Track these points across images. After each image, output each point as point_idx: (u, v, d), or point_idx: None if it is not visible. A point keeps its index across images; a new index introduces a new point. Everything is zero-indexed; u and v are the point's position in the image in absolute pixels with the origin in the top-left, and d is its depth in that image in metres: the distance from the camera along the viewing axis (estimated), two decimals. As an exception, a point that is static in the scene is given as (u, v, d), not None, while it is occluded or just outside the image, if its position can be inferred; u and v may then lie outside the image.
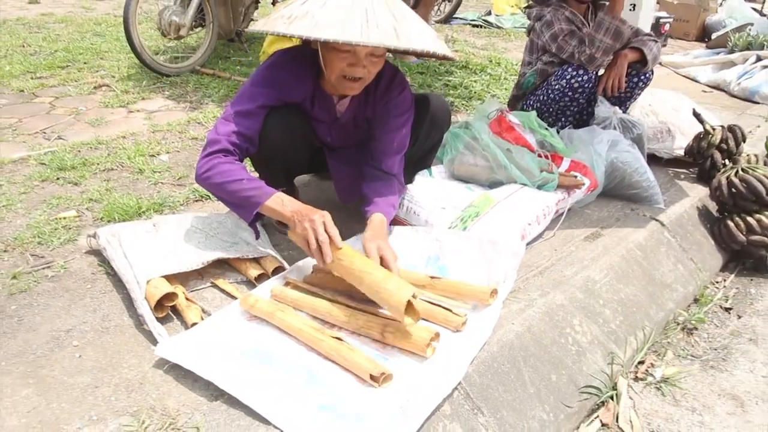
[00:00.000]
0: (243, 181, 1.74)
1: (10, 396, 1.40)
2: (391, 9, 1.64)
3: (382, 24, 1.58)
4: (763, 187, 2.52)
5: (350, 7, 1.60)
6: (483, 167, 2.27)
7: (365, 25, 1.56)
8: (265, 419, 1.29)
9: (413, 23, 1.68)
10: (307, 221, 1.68)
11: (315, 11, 1.62)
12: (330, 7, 1.61)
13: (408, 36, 1.61)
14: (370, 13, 1.59)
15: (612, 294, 2.04)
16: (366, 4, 1.60)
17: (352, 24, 1.57)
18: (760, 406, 1.82)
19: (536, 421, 1.56)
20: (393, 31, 1.59)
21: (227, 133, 1.80)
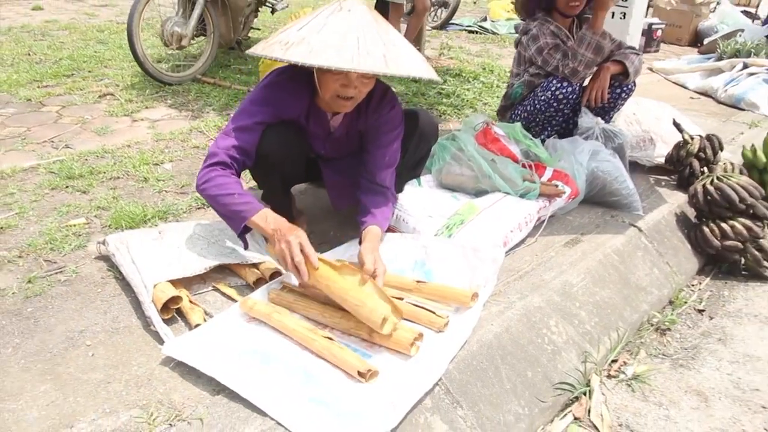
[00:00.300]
0: (234, 195, 1.86)
1: (31, 391, 1.54)
2: (381, 36, 1.78)
3: (372, 51, 1.72)
4: (736, 195, 2.66)
5: (344, 34, 1.73)
6: (469, 177, 2.41)
7: (357, 52, 1.69)
8: (262, 411, 1.43)
9: (402, 49, 1.81)
10: (284, 242, 1.78)
11: (311, 37, 1.75)
12: (325, 33, 1.75)
13: (396, 62, 1.74)
14: (362, 40, 1.72)
15: (588, 297, 2.17)
16: (358, 32, 1.74)
17: (345, 51, 1.70)
18: (723, 402, 1.95)
19: (512, 415, 1.70)
20: (383, 57, 1.72)
21: (226, 147, 1.93)
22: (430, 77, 1.87)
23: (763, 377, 2.08)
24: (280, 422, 1.40)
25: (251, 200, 1.88)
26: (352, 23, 1.77)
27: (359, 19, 1.79)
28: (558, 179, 2.55)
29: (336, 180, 2.29)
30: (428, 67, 1.90)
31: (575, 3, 2.95)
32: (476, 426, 1.62)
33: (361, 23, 1.78)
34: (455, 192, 2.46)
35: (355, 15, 1.80)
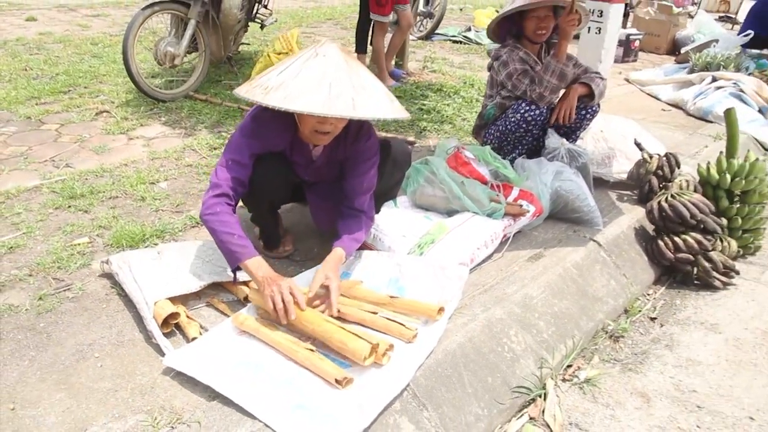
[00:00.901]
0: (234, 236, 2.05)
1: (47, 399, 1.76)
2: (352, 80, 1.99)
3: (342, 95, 1.93)
4: (687, 212, 2.90)
5: (318, 80, 1.95)
6: (441, 198, 2.64)
7: (328, 97, 1.91)
8: (252, 415, 1.66)
9: (370, 92, 2.02)
10: (275, 285, 1.97)
11: (288, 82, 1.97)
12: (301, 79, 1.97)
13: (364, 106, 1.96)
14: (334, 85, 1.94)
15: (547, 308, 2.41)
16: (330, 78, 1.95)
17: (317, 96, 1.92)
18: (663, 402, 2.19)
19: (472, 416, 1.93)
20: (351, 101, 1.94)
21: (227, 179, 2.15)
22: (394, 117, 2.08)
23: (702, 380, 2.32)
24: (267, 424, 1.62)
25: (247, 245, 2.06)
26: (325, 69, 1.99)
27: (332, 64, 2.01)
28: (524, 198, 2.78)
29: (319, 203, 2.52)
30: (394, 107, 2.10)
31: (542, 32, 3.19)
32: (440, 426, 1.84)
33: (334, 69, 2.00)
34: (428, 212, 2.69)
35: (328, 60, 2.02)
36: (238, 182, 2.18)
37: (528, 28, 3.21)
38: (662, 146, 3.87)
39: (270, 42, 6.39)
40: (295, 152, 2.34)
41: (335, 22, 9.06)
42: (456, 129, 4.36)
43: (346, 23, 9.01)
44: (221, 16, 4.74)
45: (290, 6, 10.37)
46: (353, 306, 2.10)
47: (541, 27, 3.18)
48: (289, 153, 2.34)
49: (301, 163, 2.39)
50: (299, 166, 2.41)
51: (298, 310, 1.96)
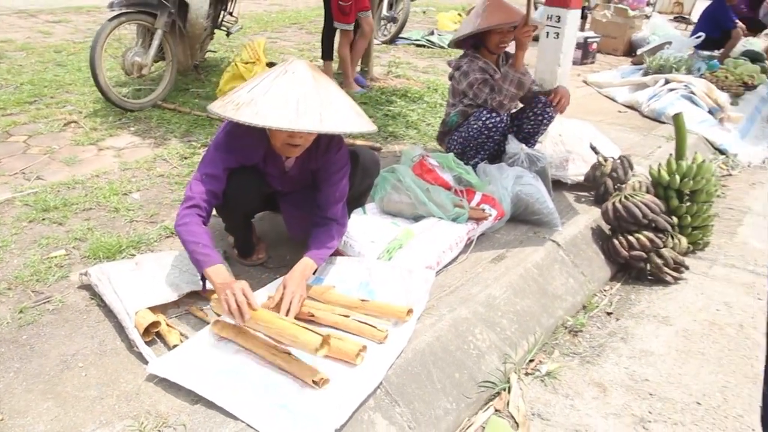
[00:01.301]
0: (200, 245, 2.14)
1: (35, 408, 1.83)
2: (320, 95, 2.09)
3: (309, 110, 2.03)
4: (639, 212, 3.08)
5: (286, 97, 2.05)
6: (407, 204, 2.77)
7: (296, 114, 2.02)
8: (234, 416, 1.76)
9: (337, 107, 2.13)
10: (229, 289, 2.04)
11: (258, 99, 2.07)
12: (270, 95, 2.07)
13: (331, 121, 2.06)
14: (302, 101, 2.04)
15: (509, 307, 2.55)
16: (298, 94, 2.06)
17: (285, 111, 2.02)
18: (618, 391, 2.36)
19: (441, 410, 2.06)
20: (318, 116, 2.04)
21: (200, 191, 2.24)
22: (360, 131, 2.19)
23: (654, 369, 2.49)
24: (249, 424, 1.73)
25: (210, 253, 2.14)
26: (293, 86, 2.10)
27: (300, 81, 2.11)
28: (486, 203, 2.92)
29: (292, 212, 2.62)
30: (361, 121, 2.21)
31: (503, 44, 3.36)
32: (412, 420, 1.97)
33: (302, 85, 2.10)
34: (396, 218, 2.81)
35: (297, 77, 2.13)
36: (211, 195, 2.27)
37: (491, 42, 3.37)
38: (617, 148, 4.06)
39: (237, 51, 6.46)
40: (269, 164, 2.44)
41: (300, 27, 9.14)
42: (421, 134, 4.49)
43: (311, 27, 9.09)
44: (188, 26, 4.80)
45: (254, 10, 10.40)
46: (326, 310, 2.21)
47: (504, 41, 3.34)
48: (262, 165, 2.44)
49: (274, 174, 2.49)
50: (273, 177, 2.51)
51: (252, 310, 2.02)
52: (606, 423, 2.20)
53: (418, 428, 1.96)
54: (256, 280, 2.51)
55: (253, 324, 2.02)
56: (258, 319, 2.00)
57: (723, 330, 2.78)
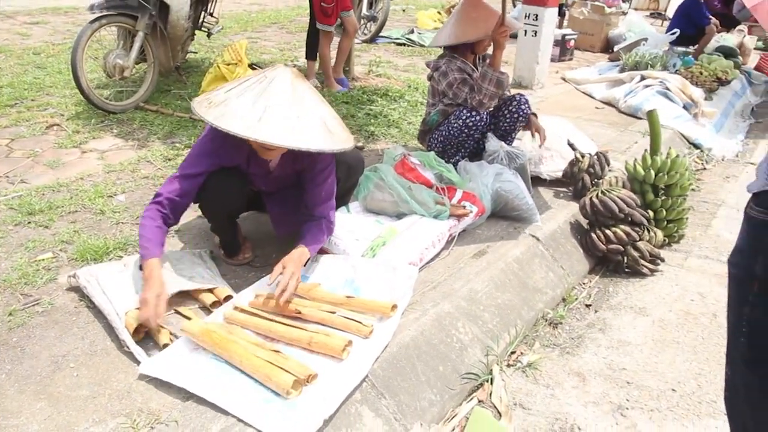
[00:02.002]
0: (143, 238, 2.26)
1: (28, 409, 1.86)
2: (293, 108, 2.14)
3: (272, 121, 2.08)
4: (616, 207, 3.17)
5: (254, 103, 2.11)
6: (390, 202, 2.83)
7: (258, 121, 2.07)
8: (225, 411, 1.80)
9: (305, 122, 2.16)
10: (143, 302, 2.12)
11: (230, 101, 2.14)
12: (242, 99, 2.13)
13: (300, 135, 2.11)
14: (268, 111, 2.09)
15: (491, 301, 2.62)
16: (268, 102, 2.11)
17: (248, 118, 2.08)
18: (597, 380, 2.44)
19: (426, 401, 2.12)
20: (281, 129, 2.09)
21: (169, 191, 2.33)
22: (320, 149, 2.20)
23: (631, 358, 2.58)
24: (240, 418, 1.78)
25: (150, 247, 2.24)
26: (267, 95, 2.15)
27: (275, 91, 2.16)
28: (467, 200, 2.99)
29: (278, 211, 2.67)
30: (328, 139, 2.21)
31: (485, 44, 3.44)
32: (397, 412, 2.03)
33: (275, 95, 2.15)
34: (379, 216, 2.87)
35: (273, 86, 2.18)
36: (180, 195, 2.35)
37: (479, 47, 3.46)
38: (594, 145, 4.15)
39: (218, 52, 6.48)
40: (253, 164, 2.49)
41: (280, 26, 9.15)
42: (402, 133, 4.55)
43: (291, 27, 9.11)
44: (169, 28, 4.81)
45: (234, 10, 10.38)
46: (313, 307, 2.26)
47: (487, 43, 3.43)
48: (246, 166, 2.49)
49: (259, 174, 2.54)
50: (257, 177, 2.56)
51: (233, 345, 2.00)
52: (585, 411, 2.28)
53: (403, 419, 2.02)
54: (242, 279, 2.56)
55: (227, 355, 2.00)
56: (233, 353, 1.99)
57: (697, 319, 2.88)
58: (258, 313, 2.24)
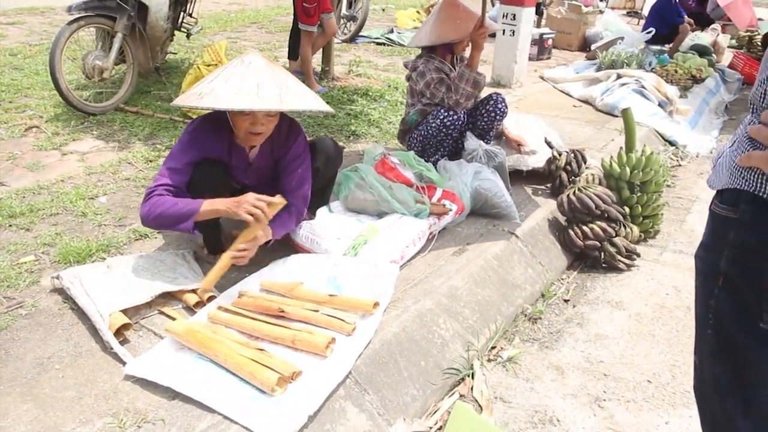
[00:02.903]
0: (178, 204, 2.32)
1: (15, 411, 1.88)
2: (277, 80, 2.29)
3: (269, 93, 2.21)
4: (592, 203, 3.24)
5: (244, 81, 2.21)
6: (371, 201, 2.87)
7: (256, 96, 2.20)
8: (210, 409, 1.83)
9: (295, 90, 2.34)
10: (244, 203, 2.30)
11: (219, 87, 2.22)
12: (230, 83, 2.23)
13: (290, 100, 2.27)
14: (261, 85, 2.23)
15: (471, 297, 2.68)
16: (257, 78, 2.23)
17: (245, 95, 2.20)
18: (575, 373, 2.50)
19: (409, 396, 2.17)
20: (278, 97, 2.23)
21: (160, 183, 2.38)
22: (320, 110, 2.40)
23: (608, 351, 2.65)
24: (226, 415, 1.81)
25: (191, 201, 2.34)
26: (251, 73, 2.28)
27: (258, 68, 2.31)
28: (447, 198, 3.04)
29: None
30: (319, 102, 2.43)
31: (463, 45, 3.50)
32: (381, 407, 2.07)
33: (259, 72, 2.29)
34: (360, 215, 2.91)
35: (254, 65, 2.33)
36: (172, 187, 2.40)
37: (458, 48, 3.52)
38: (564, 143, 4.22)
39: (198, 52, 6.47)
40: (233, 156, 2.55)
41: (260, 26, 9.14)
42: (383, 132, 4.59)
43: (271, 27, 9.11)
44: (148, 28, 4.81)
45: (214, 9, 10.35)
46: (296, 306, 2.30)
47: (465, 44, 3.49)
48: (227, 158, 2.55)
49: (240, 166, 2.60)
50: (238, 170, 2.62)
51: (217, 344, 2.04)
52: (564, 403, 2.33)
53: (386, 414, 2.07)
54: (225, 279, 2.57)
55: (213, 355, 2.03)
56: (217, 352, 2.02)
57: (672, 312, 2.95)
58: (242, 313, 2.26)
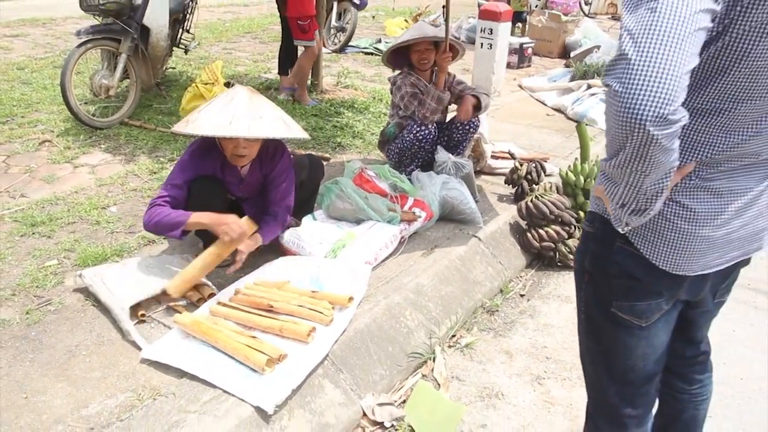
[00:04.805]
0: (171, 215, 2.77)
1: (52, 388, 2.30)
2: (252, 111, 2.74)
3: (240, 122, 2.68)
4: (547, 209, 3.67)
5: (222, 113, 2.69)
6: (349, 210, 3.30)
7: (228, 124, 2.66)
8: (212, 384, 2.26)
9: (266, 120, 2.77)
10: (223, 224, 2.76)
11: (201, 116, 2.73)
12: (211, 113, 2.71)
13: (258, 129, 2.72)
14: (235, 115, 2.69)
15: (435, 292, 3.10)
16: (233, 111, 2.70)
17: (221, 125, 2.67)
18: (521, 356, 2.93)
19: (377, 376, 2.60)
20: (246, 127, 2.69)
21: (161, 196, 2.84)
22: (283, 137, 2.85)
23: (552, 338, 3.08)
24: (225, 389, 2.24)
25: (182, 212, 2.80)
26: (230, 106, 2.74)
27: (237, 102, 2.76)
28: (417, 206, 3.47)
29: (253, 213, 3.16)
30: (286, 129, 2.85)
31: (424, 62, 3.93)
32: (353, 384, 2.50)
33: (237, 105, 2.75)
34: (340, 222, 3.34)
35: (235, 100, 2.78)
36: (172, 200, 2.85)
37: (413, 59, 3.93)
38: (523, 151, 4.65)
39: (195, 65, 6.88)
40: (227, 174, 3.00)
41: (254, 36, 9.55)
42: (366, 144, 5.01)
43: (264, 36, 9.51)
44: (149, 48, 5.22)
45: (209, 19, 10.74)
46: (283, 301, 2.71)
47: (423, 58, 3.90)
48: (221, 175, 3.00)
49: (233, 182, 3.04)
50: (232, 185, 3.06)
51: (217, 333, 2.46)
52: (509, 381, 2.77)
53: (358, 390, 2.50)
54: (223, 279, 3.00)
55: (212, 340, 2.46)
56: (217, 339, 2.44)
57: (613, 305, 3.38)
58: (238, 307, 2.69)
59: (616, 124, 1.08)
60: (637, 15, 1.08)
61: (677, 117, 1.05)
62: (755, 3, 1.13)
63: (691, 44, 1.05)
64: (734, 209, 1.40)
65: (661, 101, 1.02)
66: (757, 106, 1.28)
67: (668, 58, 1.02)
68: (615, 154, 1.15)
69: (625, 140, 1.09)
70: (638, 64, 1.04)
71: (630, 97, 1.04)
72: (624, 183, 1.20)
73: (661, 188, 1.19)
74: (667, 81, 1.02)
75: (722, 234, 1.41)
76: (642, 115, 1.03)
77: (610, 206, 1.34)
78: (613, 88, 1.07)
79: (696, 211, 1.37)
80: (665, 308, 1.53)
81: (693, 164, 1.35)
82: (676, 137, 1.10)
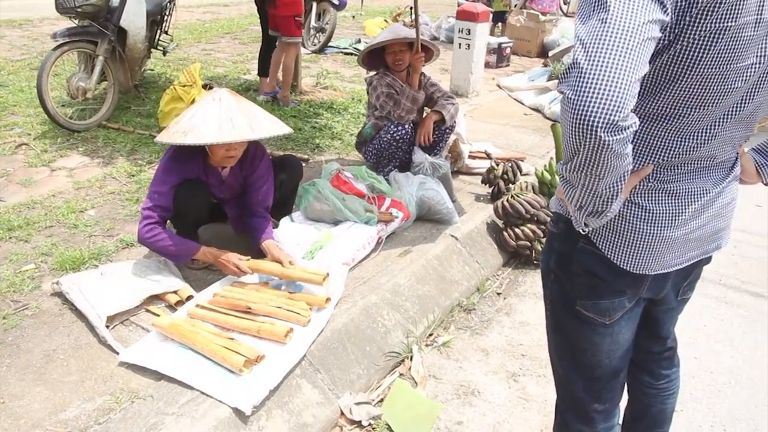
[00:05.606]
0: (179, 245, 2.86)
1: (29, 392, 2.31)
2: (244, 112, 2.78)
3: (241, 125, 2.70)
4: (523, 209, 3.73)
5: (220, 118, 2.70)
6: (327, 211, 3.34)
7: (231, 129, 2.68)
8: (190, 386, 2.28)
9: (261, 119, 2.83)
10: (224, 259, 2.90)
11: (199, 125, 2.71)
12: (208, 120, 2.71)
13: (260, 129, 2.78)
14: (234, 119, 2.72)
15: (412, 292, 3.15)
16: (230, 115, 2.72)
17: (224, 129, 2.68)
18: (497, 354, 2.98)
19: (355, 375, 2.63)
20: (249, 128, 2.73)
21: (154, 207, 2.84)
22: (284, 133, 2.91)
23: (528, 336, 3.13)
24: (203, 391, 2.26)
25: (190, 243, 2.89)
26: (224, 109, 2.74)
27: (227, 105, 2.77)
28: (394, 207, 3.51)
29: (234, 213, 3.23)
30: (281, 127, 2.92)
31: (398, 63, 3.97)
32: (331, 384, 2.54)
33: (230, 108, 2.76)
34: (318, 223, 3.37)
35: (224, 103, 2.78)
36: (163, 209, 2.86)
37: (388, 60, 3.97)
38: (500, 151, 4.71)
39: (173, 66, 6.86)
40: (209, 176, 3.02)
41: (233, 37, 9.53)
42: (344, 144, 5.05)
43: (244, 37, 9.50)
44: (127, 50, 5.21)
45: (188, 19, 10.71)
46: (261, 302, 2.74)
47: (397, 59, 3.94)
48: (204, 177, 3.01)
49: (215, 184, 3.07)
50: (214, 187, 3.09)
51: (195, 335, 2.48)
52: (485, 378, 2.82)
53: (336, 389, 2.53)
54: (201, 282, 3.01)
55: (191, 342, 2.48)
56: (195, 342, 2.46)
57: (588, 302, 3.45)
58: (216, 309, 2.71)
59: (569, 130, 1.13)
60: (588, 25, 1.13)
61: (627, 123, 1.10)
62: (704, 13, 1.18)
63: (640, 54, 1.09)
64: (692, 210, 1.45)
65: (612, 108, 1.07)
66: (710, 112, 1.33)
67: (618, 67, 1.07)
68: (570, 159, 1.19)
69: (578, 145, 1.13)
70: (589, 73, 1.08)
71: (582, 105, 1.09)
72: (580, 186, 1.25)
73: (616, 191, 1.24)
74: (617, 89, 1.07)
75: (681, 234, 1.46)
76: (593, 121, 1.08)
77: (570, 208, 1.39)
78: (567, 96, 1.12)
79: (654, 213, 1.42)
80: (628, 306, 1.58)
81: (651, 167, 1.41)
82: (629, 142, 1.14)
